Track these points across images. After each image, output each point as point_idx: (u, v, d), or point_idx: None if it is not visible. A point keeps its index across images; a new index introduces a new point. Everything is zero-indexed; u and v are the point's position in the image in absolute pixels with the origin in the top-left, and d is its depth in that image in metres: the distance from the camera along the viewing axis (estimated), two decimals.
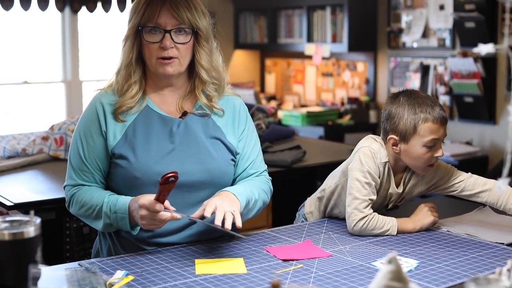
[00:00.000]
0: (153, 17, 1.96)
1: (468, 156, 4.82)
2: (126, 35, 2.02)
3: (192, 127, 2.05)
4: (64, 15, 5.67)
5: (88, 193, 1.99)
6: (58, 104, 5.79)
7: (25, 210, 2.57)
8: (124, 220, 1.91)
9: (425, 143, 2.11)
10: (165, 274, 1.75)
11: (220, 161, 2.05)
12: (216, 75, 2.10)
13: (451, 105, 5.17)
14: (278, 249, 1.94)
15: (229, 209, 1.84)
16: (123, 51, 2.04)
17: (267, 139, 3.85)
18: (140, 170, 1.96)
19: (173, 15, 1.97)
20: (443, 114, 2.13)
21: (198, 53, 2.05)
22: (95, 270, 1.75)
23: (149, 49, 1.99)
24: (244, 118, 2.16)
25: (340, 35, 5.66)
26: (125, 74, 2.03)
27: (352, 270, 1.79)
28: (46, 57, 5.76)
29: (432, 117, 2.10)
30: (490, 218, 2.32)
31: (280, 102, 6.45)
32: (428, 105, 2.11)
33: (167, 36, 1.97)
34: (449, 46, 5.13)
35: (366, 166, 2.14)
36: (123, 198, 1.93)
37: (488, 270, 1.79)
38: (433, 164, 2.17)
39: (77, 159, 2.03)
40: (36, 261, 1.42)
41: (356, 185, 2.14)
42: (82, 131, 2.04)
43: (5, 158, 3.50)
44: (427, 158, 2.13)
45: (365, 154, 2.16)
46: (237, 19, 6.55)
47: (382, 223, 2.12)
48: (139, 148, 1.99)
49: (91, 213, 1.97)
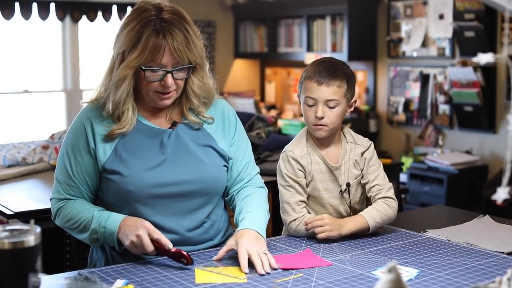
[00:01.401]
0: (156, 59, 1.91)
1: (468, 165, 4.82)
2: (124, 74, 1.93)
3: (183, 137, 2.05)
4: (65, 24, 5.69)
5: (76, 207, 1.99)
6: (59, 113, 5.80)
7: (25, 219, 2.57)
8: (112, 236, 1.92)
9: (305, 100, 2.20)
10: (165, 283, 1.75)
11: (213, 168, 2.05)
12: (206, 95, 2.09)
13: (451, 114, 5.18)
14: (278, 258, 1.94)
15: (260, 251, 1.88)
16: (118, 88, 1.94)
17: (267, 148, 3.85)
18: (133, 183, 1.96)
19: (174, 56, 1.93)
20: (325, 77, 2.16)
21: (191, 81, 2.03)
22: (95, 279, 1.74)
23: (149, 86, 1.96)
24: (234, 121, 2.17)
25: (340, 45, 5.67)
26: (117, 105, 1.98)
27: (352, 279, 1.79)
28: (46, 66, 5.78)
29: (314, 76, 2.17)
30: (490, 227, 2.32)
31: (280, 111, 6.45)
32: (321, 68, 2.17)
33: (169, 76, 1.95)
34: (448, 55, 5.14)
35: (283, 170, 2.24)
36: (115, 215, 1.95)
37: (488, 279, 1.79)
38: (318, 125, 2.19)
39: (64, 174, 2.02)
40: (36, 270, 1.42)
41: (281, 190, 2.24)
42: (70, 146, 2.03)
43: (5, 167, 3.50)
44: (309, 116, 2.20)
45: (282, 159, 2.27)
46: (237, 28, 6.56)
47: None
48: (130, 162, 1.98)
49: (77, 226, 1.98)
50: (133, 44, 1.92)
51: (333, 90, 2.16)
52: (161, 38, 1.91)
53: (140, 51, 1.91)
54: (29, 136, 4.94)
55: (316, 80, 2.16)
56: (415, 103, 5.41)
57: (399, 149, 5.57)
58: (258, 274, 1.81)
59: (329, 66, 2.18)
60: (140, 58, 1.91)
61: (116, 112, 1.99)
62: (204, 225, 2.07)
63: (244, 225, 1.97)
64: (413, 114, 5.45)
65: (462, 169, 4.75)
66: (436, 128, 5.29)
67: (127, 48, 1.93)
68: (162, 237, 1.88)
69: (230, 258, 1.94)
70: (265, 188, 2.20)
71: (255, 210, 2.04)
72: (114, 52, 2.00)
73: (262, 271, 1.82)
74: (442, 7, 5.11)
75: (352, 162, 2.26)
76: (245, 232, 1.94)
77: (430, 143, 5.32)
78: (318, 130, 2.20)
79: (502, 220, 2.42)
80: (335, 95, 2.16)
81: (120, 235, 1.90)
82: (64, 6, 5.53)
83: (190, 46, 1.95)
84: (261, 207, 2.07)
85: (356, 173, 2.26)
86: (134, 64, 1.92)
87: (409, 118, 5.51)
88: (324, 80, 2.16)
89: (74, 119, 2.07)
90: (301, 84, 2.23)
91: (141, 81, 1.96)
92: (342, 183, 2.25)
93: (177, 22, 1.95)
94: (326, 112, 2.17)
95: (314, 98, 2.17)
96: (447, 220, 2.45)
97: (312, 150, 2.25)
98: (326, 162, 2.24)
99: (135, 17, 1.96)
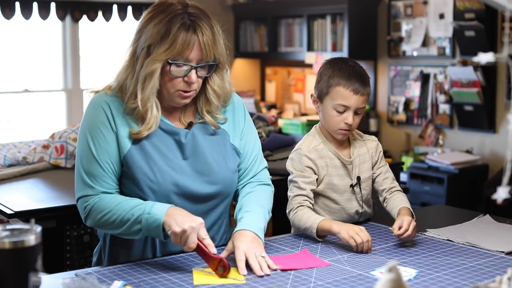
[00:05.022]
0: (184, 53, 1.89)
1: (468, 164, 4.82)
2: (152, 68, 1.88)
3: (199, 138, 2.03)
4: (65, 24, 5.69)
5: (113, 200, 1.90)
6: (59, 112, 5.80)
7: (25, 219, 2.57)
8: (157, 222, 1.82)
9: (334, 106, 2.22)
10: (163, 284, 1.75)
11: (229, 171, 2.06)
12: (225, 98, 2.08)
13: (451, 114, 5.18)
14: (275, 259, 1.94)
15: (258, 253, 1.87)
16: (146, 84, 1.90)
17: (267, 148, 3.85)
18: (156, 182, 1.94)
19: (202, 52, 1.91)
20: (359, 86, 2.20)
21: (212, 80, 2.02)
22: (92, 280, 1.74)
23: (173, 83, 1.93)
24: (243, 113, 2.17)
25: (340, 44, 5.67)
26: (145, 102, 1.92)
27: (351, 279, 1.79)
28: (47, 66, 5.78)
29: (349, 84, 2.20)
30: (490, 227, 2.32)
31: (280, 110, 6.45)
32: (352, 75, 2.21)
33: (193, 72, 1.92)
34: (449, 54, 5.14)
35: (291, 169, 2.29)
36: (161, 204, 1.87)
37: (488, 278, 1.79)
38: (345, 129, 2.24)
39: (91, 162, 1.92)
40: (36, 270, 1.42)
41: (289, 185, 2.30)
42: (89, 133, 1.94)
43: (6, 167, 3.50)
44: (337, 121, 2.23)
45: (291, 159, 2.31)
46: (238, 28, 6.56)
47: (305, 220, 2.17)
48: (152, 160, 1.95)
49: (115, 218, 1.87)
50: (161, 37, 1.88)
51: (365, 98, 2.23)
52: (191, 33, 1.89)
53: (170, 45, 1.87)
54: (29, 136, 4.95)
55: (353, 89, 2.20)
56: (415, 102, 5.41)
57: (399, 148, 5.57)
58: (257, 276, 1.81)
59: (359, 73, 2.24)
60: (170, 52, 1.88)
61: (142, 111, 1.93)
62: (213, 227, 2.08)
63: (241, 226, 1.96)
64: (413, 113, 5.45)
65: (462, 168, 4.75)
66: (437, 127, 5.29)
67: (154, 42, 1.89)
68: (209, 239, 1.84)
69: (228, 260, 1.94)
70: (271, 185, 2.19)
71: (254, 209, 2.02)
72: (136, 47, 1.93)
73: (261, 273, 1.81)
74: (443, 6, 5.11)
75: (363, 157, 2.33)
76: (242, 233, 1.93)
77: (430, 143, 5.32)
78: (342, 134, 2.27)
79: (503, 219, 2.42)
80: (365, 102, 2.24)
81: (168, 219, 1.81)
82: (64, 6, 5.52)
83: (217, 43, 1.95)
84: (261, 206, 2.05)
85: (367, 167, 2.34)
86: (162, 58, 1.88)
87: (409, 118, 5.51)
88: (360, 89, 2.21)
89: (89, 104, 2.00)
90: (327, 88, 2.23)
91: (164, 77, 1.92)
92: (354, 178, 2.31)
93: (205, 18, 1.94)
94: (354, 118, 2.23)
95: (347, 106, 2.21)
96: (447, 220, 2.46)
97: (326, 147, 2.30)
98: (340, 157, 2.30)
99: (161, 11, 1.92)
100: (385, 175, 2.35)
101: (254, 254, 1.86)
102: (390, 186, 2.33)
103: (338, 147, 2.32)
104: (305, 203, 2.22)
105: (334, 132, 2.27)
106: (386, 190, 2.32)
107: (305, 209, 2.20)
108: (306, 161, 2.25)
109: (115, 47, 5.94)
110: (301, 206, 2.21)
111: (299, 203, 2.21)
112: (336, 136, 2.28)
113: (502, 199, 1.24)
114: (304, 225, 2.16)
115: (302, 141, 2.33)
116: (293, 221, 2.22)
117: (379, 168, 2.36)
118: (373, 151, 2.36)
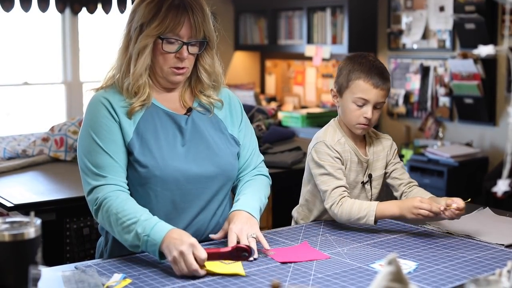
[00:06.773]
0: (175, 29, 1.96)
1: (468, 157, 4.82)
2: (144, 43, 1.96)
3: (199, 123, 2.08)
4: (65, 16, 5.67)
5: (124, 204, 1.88)
6: (59, 105, 5.79)
7: (25, 211, 2.57)
8: (155, 247, 1.80)
9: (354, 100, 2.22)
10: (163, 277, 1.75)
11: (229, 155, 2.10)
12: (215, 78, 2.13)
13: (451, 107, 5.18)
14: (275, 251, 1.94)
15: (250, 233, 1.90)
16: (139, 59, 1.98)
17: (267, 141, 3.85)
18: (158, 168, 1.96)
19: (192, 27, 1.98)
20: (379, 80, 2.21)
21: (202, 58, 2.08)
22: (92, 273, 1.74)
23: (165, 59, 2.00)
24: (239, 108, 2.22)
25: (340, 37, 5.66)
26: (137, 78, 1.99)
27: (350, 272, 1.79)
28: (46, 58, 5.77)
29: (370, 78, 2.20)
30: (490, 219, 2.32)
31: (280, 103, 6.45)
32: (372, 69, 2.22)
33: (185, 48, 1.99)
34: (449, 47, 5.13)
35: (320, 162, 2.25)
36: (162, 224, 1.83)
37: (488, 271, 1.79)
38: (364, 124, 2.24)
39: (98, 155, 1.93)
40: (36, 262, 1.42)
41: (320, 179, 2.24)
42: (93, 129, 1.97)
43: (5, 159, 3.50)
44: (356, 115, 2.23)
45: (316, 151, 2.27)
46: (237, 20, 6.55)
47: (356, 210, 2.15)
48: (153, 146, 1.98)
49: (121, 223, 1.85)
50: (153, 15, 1.97)
51: (384, 93, 2.24)
52: (182, 10, 1.97)
53: (161, 20, 1.96)
54: (29, 128, 4.94)
55: (373, 83, 2.21)
56: (415, 95, 5.40)
57: (399, 141, 5.57)
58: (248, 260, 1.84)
59: (380, 68, 2.24)
60: (161, 27, 1.96)
61: (134, 87, 1.99)
62: (217, 212, 2.10)
63: (236, 207, 2.01)
64: (413, 106, 5.45)
65: (462, 161, 4.74)
66: (437, 120, 5.29)
67: (146, 20, 1.98)
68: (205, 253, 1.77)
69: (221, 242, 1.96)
70: (269, 177, 2.23)
71: (251, 192, 2.08)
72: (130, 28, 2.03)
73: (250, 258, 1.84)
74: None
75: (377, 155, 2.35)
76: (236, 214, 1.98)
77: (430, 136, 5.32)
78: (362, 128, 2.27)
79: (502, 212, 2.43)
80: (384, 97, 2.25)
81: (164, 247, 1.78)
82: None
83: (207, 21, 2.02)
84: (258, 190, 2.10)
85: (380, 165, 2.35)
86: (154, 33, 1.96)
87: (409, 111, 5.50)
88: (380, 83, 2.21)
89: (88, 104, 2.04)
90: (347, 82, 2.24)
91: (157, 55, 2.00)
92: (366, 175, 2.32)
93: None
94: (374, 113, 2.23)
95: (367, 99, 2.22)
96: None
97: (346, 141, 2.31)
98: (358, 154, 2.31)
99: None
100: (401, 170, 2.37)
101: (246, 235, 1.90)
102: (408, 180, 2.34)
103: (356, 144, 2.32)
104: (345, 194, 2.21)
105: (353, 126, 2.27)
106: (404, 184, 2.33)
107: (349, 200, 2.19)
108: (335, 152, 2.26)
109: (114, 39, 5.93)
110: (344, 197, 2.20)
111: (340, 194, 2.20)
112: (355, 131, 2.28)
113: (502, 192, 1.24)
114: (358, 215, 2.15)
115: (323, 133, 2.31)
116: (341, 213, 2.18)
117: (394, 165, 2.37)
118: (388, 149, 2.38)
